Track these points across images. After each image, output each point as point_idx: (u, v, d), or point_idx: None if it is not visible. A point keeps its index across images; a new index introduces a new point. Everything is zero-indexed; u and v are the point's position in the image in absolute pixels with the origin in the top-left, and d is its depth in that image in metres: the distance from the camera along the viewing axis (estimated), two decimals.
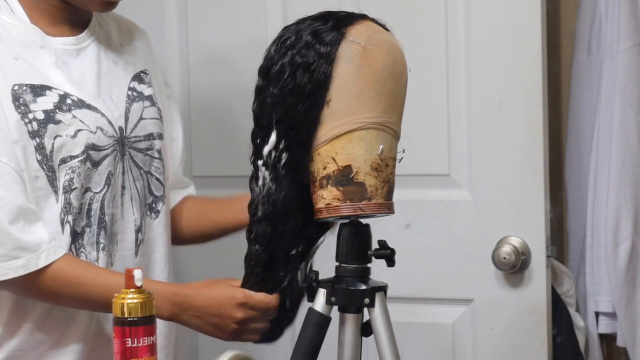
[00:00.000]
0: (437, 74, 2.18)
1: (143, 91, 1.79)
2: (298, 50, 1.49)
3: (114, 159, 1.71)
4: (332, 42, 1.49)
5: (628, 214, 2.25)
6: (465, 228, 2.18)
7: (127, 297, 1.39)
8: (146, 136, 1.77)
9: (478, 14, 2.15)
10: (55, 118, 1.64)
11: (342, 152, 1.49)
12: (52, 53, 1.68)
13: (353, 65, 1.49)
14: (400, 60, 1.54)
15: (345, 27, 1.50)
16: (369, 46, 1.49)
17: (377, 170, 1.50)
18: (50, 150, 1.64)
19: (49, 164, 1.64)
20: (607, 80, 2.26)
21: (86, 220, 1.68)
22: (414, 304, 2.21)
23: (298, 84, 1.49)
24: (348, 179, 1.50)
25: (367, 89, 1.49)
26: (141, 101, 1.78)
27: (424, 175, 2.19)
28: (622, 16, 2.24)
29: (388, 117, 1.51)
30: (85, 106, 1.68)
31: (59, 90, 1.66)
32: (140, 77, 1.81)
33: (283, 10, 2.29)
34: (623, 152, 2.24)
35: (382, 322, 1.51)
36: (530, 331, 2.14)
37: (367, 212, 1.50)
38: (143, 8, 2.29)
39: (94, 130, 1.67)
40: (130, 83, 1.78)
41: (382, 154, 1.50)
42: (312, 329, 1.52)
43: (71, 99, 1.66)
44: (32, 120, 1.63)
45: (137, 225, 1.75)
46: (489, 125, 2.15)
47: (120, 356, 1.38)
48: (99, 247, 1.69)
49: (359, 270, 1.53)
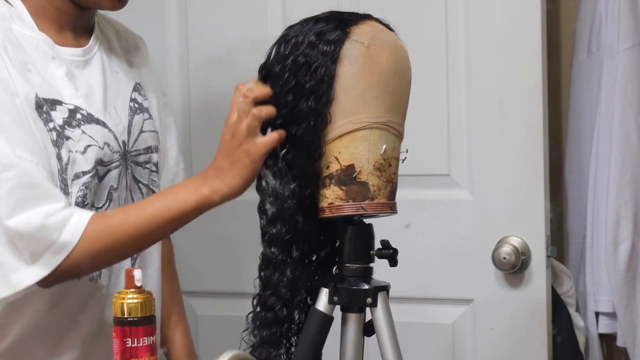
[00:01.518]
0: (437, 74, 2.18)
1: (143, 102, 1.78)
2: (302, 51, 1.49)
3: (118, 174, 1.69)
4: (335, 41, 1.48)
5: (628, 214, 2.25)
6: (465, 228, 2.18)
7: (127, 297, 1.39)
8: (145, 149, 1.76)
9: (478, 14, 2.15)
10: (65, 134, 1.61)
11: (345, 152, 1.49)
12: (62, 64, 1.65)
13: (357, 65, 1.49)
14: (404, 60, 1.54)
15: (349, 27, 1.50)
16: (373, 46, 1.49)
17: (380, 170, 1.50)
18: (65, 162, 1.61)
19: (63, 176, 1.61)
20: (607, 80, 2.27)
21: None
22: (414, 304, 2.21)
23: (300, 83, 1.49)
24: (351, 178, 1.50)
25: (370, 89, 1.49)
26: (142, 113, 1.76)
27: (424, 175, 2.19)
28: (622, 16, 2.24)
29: (391, 117, 1.51)
30: (94, 121, 1.65)
31: (69, 104, 1.64)
32: (138, 88, 1.79)
33: (283, 10, 2.29)
34: (623, 152, 2.25)
35: (385, 322, 1.51)
36: (530, 331, 2.14)
37: (369, 211, 1.50)
38: (143, 8, 2.29)
39: (101, 146, 1.65)
40: (132, 93, 1.77)
41: (385, 154, 1.50)
42: (314, 328, 1.52)
43: (81, 113, 1.64)
44: (53, 130, 1.61)
45: None
46: (489, 125, 2.15)
47: (120, 356, 1.38)
48: None
49: (361, 270, 1.53)
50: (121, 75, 1.76)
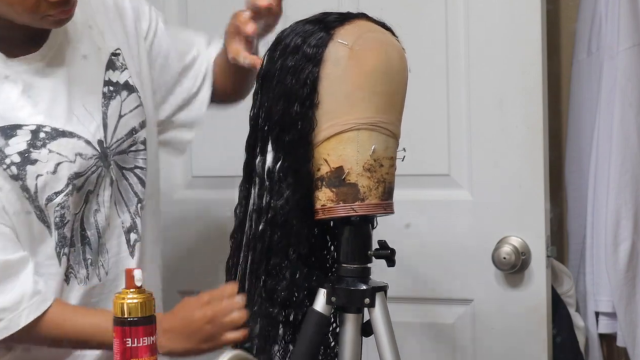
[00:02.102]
0: (437, 74, 2.18)
1: (119, 80, 1.72)
2: (288, 54, 1.49)
3: (96, 178, 1.67)
4: (318, 44, 1.48)
5: (628, 214, 2.25)
6: (465, 228, 2.18)
7: (127, 297, 1.39)
8: (127, 134, 1.72)
9: (478, 14, 2.15)
10: (31, 158, 1.59)
11: (334, 154, 1.49)
12: (17, 81, 1.61)
13: (340, 67, 1.48)
14: (395, 59, 1.52)
15: (334, 29, 1.49)
16: (357, 47, 1.48)
17: (370, 170, 1.50)
18: (34, 191, 1.60)
19: (36, 203, 1.61)
20: (607, 80, 2.26)
21: (70, 241, 1.66)
22: (414, 304, 2.21)
23: (287, 87, 1.49)
24: (340, 180, 1.50)
25: (356, 90, 1.48)
26: (118, 95, 1.71)
27: (424, 175, 2.19)
28: (622, 16, 2.24)
29: (382, 117, 1.50)
30: (59, 134, 1.62)
31: (30, 125, 1.60)
32: (112, 63, 1.73)
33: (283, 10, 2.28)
34: (623, 152, 2.24)
35: (383, 322, 1.51)
36: (530, 331, 2.13)
37: (360, 212, 1.50)
38: None
39: (73, 159, 1.63)
40: (105, 75, 1.71)
41: (375, 154, 1.50)
42: (312, 329, 1.52)
43: (44, 131, 1.61)
44: (10, 165, 1.59)
45: (125, 227, 1.73)
46: (489, 125, 2.15)
47: (120, 356, 1.38)
48: (87, 263, 1.68)
49: (359, 271, 1.53)
50: (91, 58, 1.70)
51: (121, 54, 1.75)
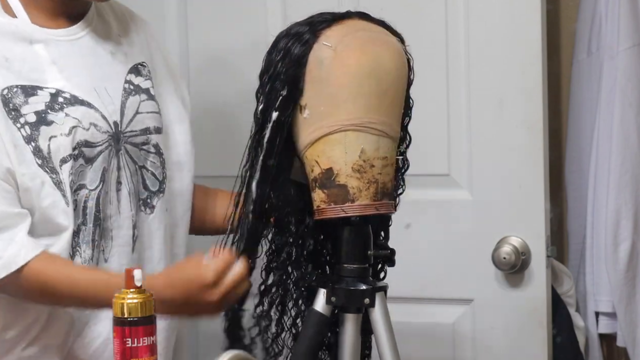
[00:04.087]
0: (437, 74, 2.17)
1: (140, 84, 1.78)
2: (280, 56, 1.50)
3: (108, 155, 1.69)
4: (304, 46, 1.49)
5: (628, 214, 2.25)
6: (465, 228, 2.18)
7: (127, 297, 1.39)
8: (142, 130, 1.75)
9: (478, 14, 2.15)
10: (47, 119, 1.63)
11: (323, 156, 1.50)
12: (45, 47, 1.67)
13: (324, 69, 1.48)
14: (385, 57, 1.51)
15: (320, 30, 1.50)
16: (341, 48, 1.48)
17: (360, 171, 1.49)
18: (47, 152, 1.63)
19: (50, 165, 1.63)
20: (607, 80, 2.26)
21: (82, 219, 1.67)
22: (414, 304, 2.21)
23: (276, 89, 1.49)
24: (330, 181, 1.50)
25: (341, 91, 1.48)
26: (137, 95, 1.76)
27: (424, 175, 2.19)
28: (622, 16, 2.24)
29: (372, 117, 1.49)
30: (78, 102, 1.67)
31: (51, 88, 1.65)
32: (137, 70, 1.79)
33: (283, 11, 2.29)
34: (623, 152, 2.24)
35: (383, 322, 1.51)
36: (530, 331, 2.14)
37: (350, 213, 1.50)
38: (143, 9, 2.28)
39: (87, 127, 1.66)
40: (127, 76, 1.76)
41: (364, 155, 1.49)
42: (312, 329, 1.52)
43: (63, 96, 1.66)
44: (25, 125, 1.62)
45: (134, 221, 1.74)
46: (489, 125, 2.15)
47: (120, 356, 1.38)
48: (94, 244, 1.68)
49: (359, 271, 1.53)
50: (117, 57, 1.76)
51: (147, 67, 1.81)
